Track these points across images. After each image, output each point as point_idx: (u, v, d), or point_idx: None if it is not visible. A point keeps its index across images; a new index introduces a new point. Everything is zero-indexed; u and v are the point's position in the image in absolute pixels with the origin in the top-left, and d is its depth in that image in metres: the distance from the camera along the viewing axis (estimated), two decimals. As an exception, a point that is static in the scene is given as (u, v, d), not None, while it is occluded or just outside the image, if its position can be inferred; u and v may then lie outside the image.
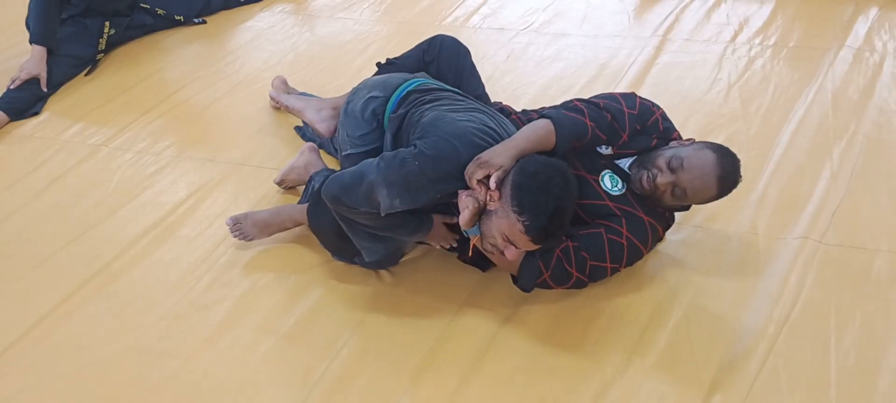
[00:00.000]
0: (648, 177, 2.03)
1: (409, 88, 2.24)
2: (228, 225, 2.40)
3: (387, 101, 2.24)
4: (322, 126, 2.55)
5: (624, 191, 2.10)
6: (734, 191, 2.05)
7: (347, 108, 2.33)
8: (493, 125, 2.06)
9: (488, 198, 1.89)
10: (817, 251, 2.17)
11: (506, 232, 1.87)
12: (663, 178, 2.01)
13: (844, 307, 2.00)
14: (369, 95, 2.28)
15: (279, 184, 2.61)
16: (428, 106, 2.13)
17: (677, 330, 1.98)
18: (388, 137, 2.19)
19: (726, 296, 2.07)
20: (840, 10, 3.46)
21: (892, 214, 2.30)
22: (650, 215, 2.08)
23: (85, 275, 2.35)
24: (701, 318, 2.01)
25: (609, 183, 2.11)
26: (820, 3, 3.54)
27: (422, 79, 2.30)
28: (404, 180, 1.92)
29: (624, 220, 2.06)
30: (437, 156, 1.94)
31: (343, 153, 2.32)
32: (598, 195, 2.09)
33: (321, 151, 2.69)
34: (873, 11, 3.41)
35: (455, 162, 1.94)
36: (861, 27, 3.30)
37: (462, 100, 2.19)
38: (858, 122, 2.71)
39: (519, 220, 1.83)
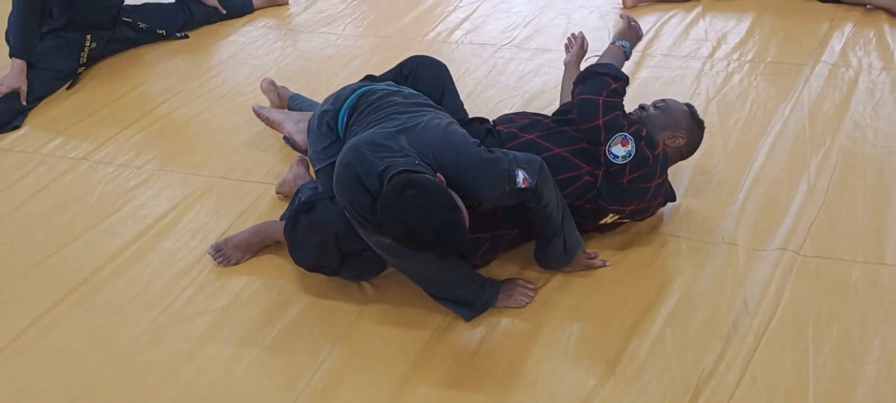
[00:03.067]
0: (635, 109, 2.36)
1: (357, 97, 2.26)
2: (210, 253, 2.39)
3: (337, 114, 2.28)
4: (300, 137, 2.61)
5: (628, 158, 2.18)
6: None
7: (310, 125, 2.39)
8: (394, 129, 2.04)
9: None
10: (795, 262, 2.20)
11: None
12: (646, 104, 2.37)
13: (822, 318, 2.03)
14: (322, 109, 2.34)
15: (278, 193, 2.64)
16: (366, 120, 2.15)
17: (658, 341, 2.00)
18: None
19: (706, 307, 2.09)
20: (816, 26, 3.52)
21: (867, 226, 2.33)
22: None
23: (66, 288, 2.34)
24: (682, 329, 2.03)
25: (616, 150, 2.20)
26: (796, 19, 3.60)
27: (372, 86, 2.31)
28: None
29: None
30: (338, 185, 1.99)
31: (315, 168, 2.36)
32: (609, 163, 2.19)
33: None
34: (848, 27, 3.47)
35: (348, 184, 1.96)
36: (836, 43, 3.35)
37: (400, 105, 2.18)
38: (834, 137, 2.75)
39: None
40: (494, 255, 2.24)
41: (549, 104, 3.04)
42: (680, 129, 2.32)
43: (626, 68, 3.25)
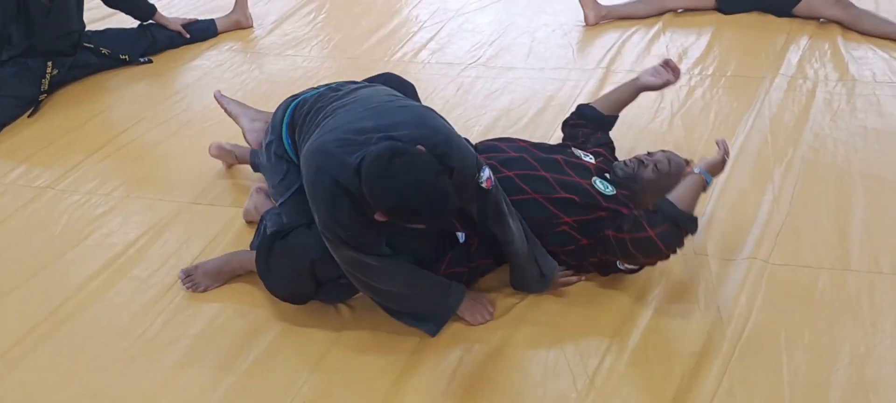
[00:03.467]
0: (632, 160, 2.31)
1: (290, 114, 2.24)
2: (181, 277, 2.37)
3: (281, 140, 2.26)
4: (252, 136, 2.59)
5: (615, 192, 2.21)
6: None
7: (259, 161, 2.36)
8: (353, 119, 1.99)
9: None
10: (765, 271, 2.25)
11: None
12: (647, 158, 2.30)
13: (793, 324, 2.07)
14: (265, 143, 2.31)
15: (247, 222, 2.60)
16: (314, 124, 2.10)
17: (636, 353, 2.02)
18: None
19: (681, 317, 2.12)
20: (773, 39, 3.61)
21: (832, 234, 2.39)
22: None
23: (34, 320, 2.29)
24: (658, 340, 2.05)
25: (601, 186, 2.22)
26: (753, 33, 3.69)
27: (298, 98, 2.28)
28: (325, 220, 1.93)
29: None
30: (314, 195, 1.94)
31: (278, 203, 2.33)
32: (594, 198, 2.18)
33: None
34: (804, 41, 3.56)
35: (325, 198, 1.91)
36: (793, 56, 3.44)
37: (340, 95, 2.15)
38: (796, 147, 2.82)
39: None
40: (473, 285, 2.24)
41: (517, 121, 3.08)
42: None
43: (591, 84, 3.33)
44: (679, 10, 3.92)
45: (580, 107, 2.65)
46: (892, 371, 1.92)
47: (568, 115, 2.67)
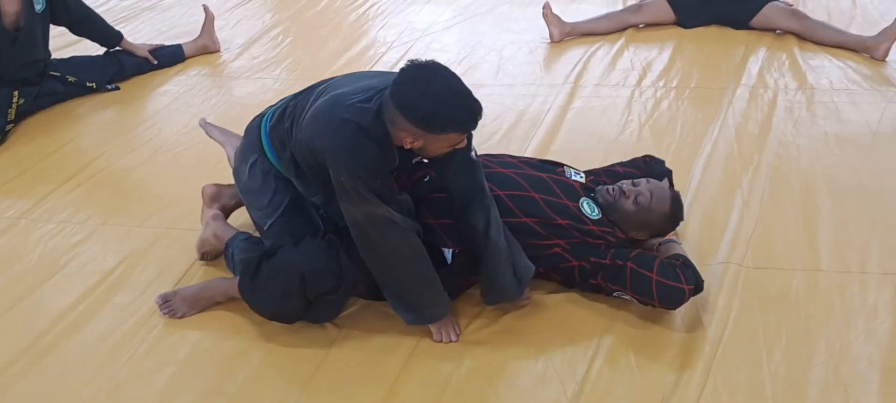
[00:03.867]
0: (615, 188, 2.30)
1: (267, 129, 2.27)
2: (158, 302, 2.36)
3: (264, 156, 2.27)
4: None
5: (601, 216, 2.26)
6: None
7: (241, 189, 2.35)
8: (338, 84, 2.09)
9: None
10: (740, 274, 2.32)
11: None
12: (630, 188, 2.30)
13: (770, 325, 2.14)
14: (249, 164, 2.30)
15: (201, 258, 2.56)
16: (299, 119, 2.14)
17: (622, 358, 2.07)
18: (296, 182, 2.24)
19: (663, 322, 2.17)
20: (732, 51, 3.72)
21: (801, 236, 2.47)
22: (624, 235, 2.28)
23: (15, 351, 2.25)
24: (643, 345, 2.10)
25: (588, 208, 2.25)
26: (713, 46, 3.80)
27: (269, 111, 2.32)
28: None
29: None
30: (339, 147, 1.98)
31: (265, 228, 2.31)
32: (582, 221, 2.22)
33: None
34: (762, 52, 3.68)
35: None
36: (753, 66, 3.56)
37: (321, 88, 2.18)
38: (761, 154, 2.91)
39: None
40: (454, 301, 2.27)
41: (491, 136, 3.13)
42: (651, 229, 2.32)
43: (560, 99, 3.40)
44: (640, 26, 4.02)
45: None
46: (866, 366, 1.99)
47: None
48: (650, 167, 2.56)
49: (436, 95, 1.89)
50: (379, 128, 1.96)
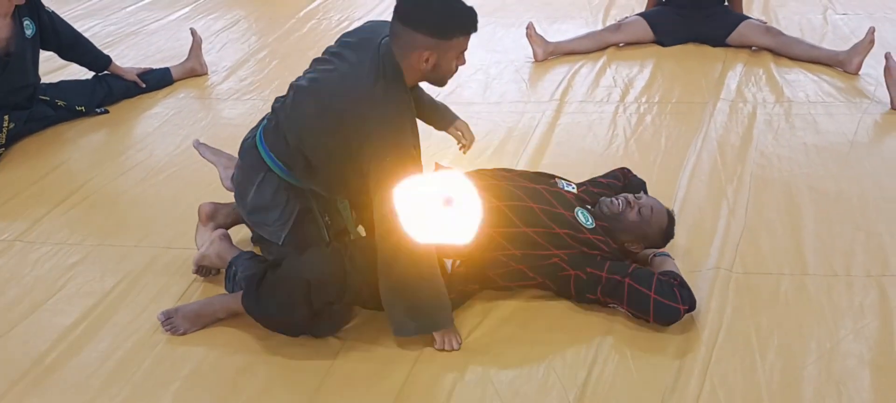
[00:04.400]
0: (619, 200, 2.37)
1: (264, 147, 2.32)
2: (160, 319, 2.37)
3: (270, 171, 2.32)
4: (228, 182, 2.70)
5: (595, 225, 2.31)
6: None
7: (248, 210, 2.39)
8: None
9: None
10: (730, 279, 2.39)
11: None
12: (634, 200, 2.38)
13: (762, 327, 2.21)
14: (256, 184, 2.34)
15: (197, 273, 2.57)
16: (297, 119, 2.24)
17: (621, 362, 2.13)
18: (314, 185, 2.31)
19: (658, 326, 2.23)
20: (711, 67, 3.83)
21: (787, 242, 2.56)
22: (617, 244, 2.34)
23: (16, 373, 2.25)
24: (640, 349, 2.16)
25: (582, 218, 2.31)
26: (692, 62, 3.91)
27: (259, 128, 2.38)
28: None
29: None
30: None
31: (280, 242, 2.35)
32: (578, 229, 2.28)
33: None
34: (739, 68, 3.79)
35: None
36: (732, 81, 3.67)
37: (301, 82, 2.30)
38: (744, 165, 3.00)
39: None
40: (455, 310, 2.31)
41: (482, 152, 3.19)
42: (646, 241, 2.39)
43: (547, 115, 3.47)
44: (621, 45, 4.12)
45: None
46: (856, 363, 2.07)
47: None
48: (628, 179, 2.67)
49: (440, 3, 2.08)
50: (393, 66, 2.10)
